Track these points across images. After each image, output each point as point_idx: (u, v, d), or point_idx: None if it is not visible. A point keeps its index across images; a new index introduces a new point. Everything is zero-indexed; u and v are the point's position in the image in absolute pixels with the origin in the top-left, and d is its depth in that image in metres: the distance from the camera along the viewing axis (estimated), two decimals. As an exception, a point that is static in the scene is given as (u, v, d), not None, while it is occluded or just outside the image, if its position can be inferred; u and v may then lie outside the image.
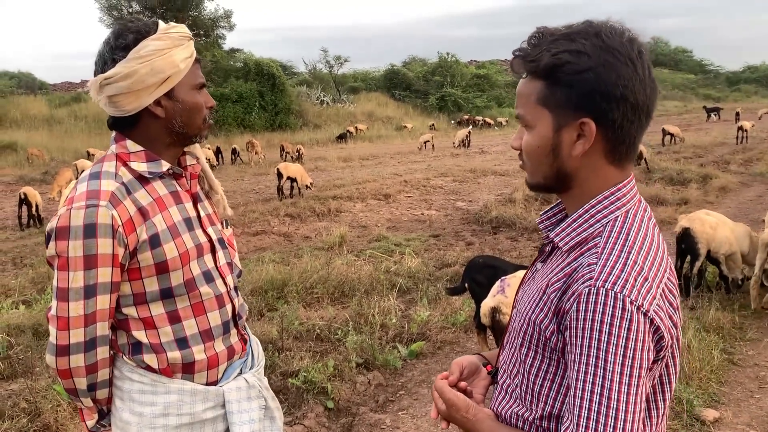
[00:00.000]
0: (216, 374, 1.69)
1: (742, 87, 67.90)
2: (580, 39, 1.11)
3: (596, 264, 1.08)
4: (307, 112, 34.27)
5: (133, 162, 1.58)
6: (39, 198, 10.37)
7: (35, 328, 5.01)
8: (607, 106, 1.10)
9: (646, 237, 1.13)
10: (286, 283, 6.04)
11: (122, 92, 1.53)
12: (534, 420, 1.20)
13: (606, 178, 1.16)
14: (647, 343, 1.04)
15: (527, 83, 1.17)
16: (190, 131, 1.65)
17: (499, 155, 20.89)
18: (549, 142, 1.15)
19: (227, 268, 1.77)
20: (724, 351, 4.39)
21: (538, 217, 1.35)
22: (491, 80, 46.63)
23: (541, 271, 1.26)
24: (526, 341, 1.21)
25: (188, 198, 1.69)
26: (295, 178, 12.52)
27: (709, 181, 12.40)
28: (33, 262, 7.59)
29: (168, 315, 1.61)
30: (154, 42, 1.53)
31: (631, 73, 1.10)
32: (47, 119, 27.90)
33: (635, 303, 1.03)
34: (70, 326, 1.49)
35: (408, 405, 3.99)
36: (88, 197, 1.48)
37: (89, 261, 1.47)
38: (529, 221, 9.14)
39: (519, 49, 1.18)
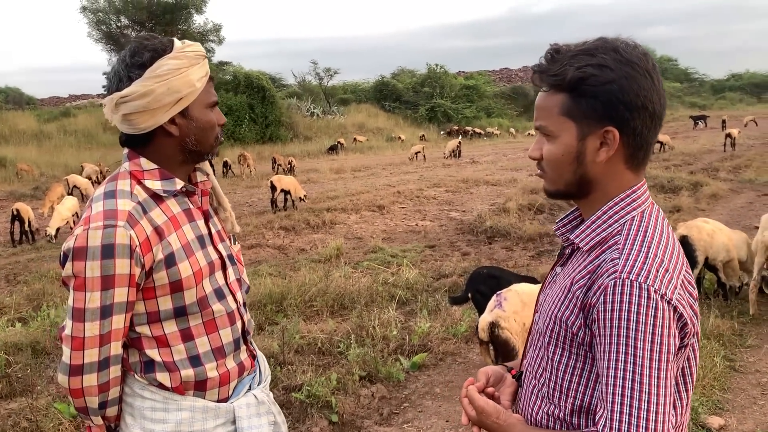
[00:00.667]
0: (227, 391, 1.70)
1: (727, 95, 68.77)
2: (600, 54, 1.19)
3: (619, 258, 1.15)
4: (298, 124, 34.27)
5: (148, 180, 1.58)
6: (32, 214, 10.28)
7: (33, 345, 4.96)
8: (629, 115, 1.19)
9: (662, 234, 1.21)
10: (285, 296, 6.02)
11: (138, 111, 1.53)
12: (564, 416, 1.26)
13: (623, 182, 1.25)
14: (673, 329, 1.11)
15: (549, 96, 1.25)
16: (203, 149, 1.65)
17: (491, 165, 20.98)
18: (573, 151, 1.24)
19: (237, 284, 1.78)
20: (725, 358, 4.42)
21: (554, 225, 1.44)
22: (480, 91, 46.94)
23: (561, 273, 1.34)
24: (553, 339, 1.27)
25: (200, 215, 1.70)
26: (288, 191, 12.50)
27: (700, 189, 12.50)
28: (27, 279, 7.51)
29: (181, 333, 1.61)
30: (171, 61, 1.53)
31: (649, 84, 1.19)
32: (36, 134, 27.68)
33: (659, 292, 1.10)
34: (85, 346, 1.49)
35: (413, 417, 3.97)
36: (105, 217, 1.48)
37: (107, 281, 1.46)
38: (524, 231, 9.18)
39: (538, 65, 1.26)
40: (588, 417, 1.23)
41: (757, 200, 11.70)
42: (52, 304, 6.06)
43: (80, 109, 36.04)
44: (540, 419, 1.31)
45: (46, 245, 9.89)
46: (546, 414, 1.30)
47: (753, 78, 75.50)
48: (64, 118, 31.46)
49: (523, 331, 3.77)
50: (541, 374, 1.32)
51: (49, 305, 5.98)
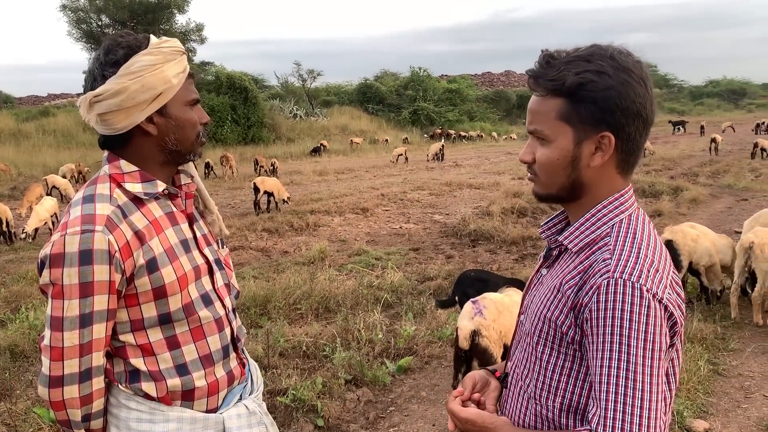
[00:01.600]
0: (216, 401, 1.64)
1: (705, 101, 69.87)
2: (597, 60, 1.21)
3: (611, 258, 1.18)
4: (280, 125, 34.13)
5: (128, 183, 1.53)
6: (9, 214, 10.09)
7: (11, 349, 4.86)
8: (625, 121, 1.21)
9: (650, 236, 1.24)
10: (269, 299, 5.97)
11: (113, 110, 1.47)
12: (553, 417, 1.28)
13: (613, 186, 1.28)
14: (664, 328, 1.14)
15: (544, 101, 1.26)
16: (184, 149, 1.59)
17: (474, 168, 21.06)
18: (569, 155, 1.25)
19: (225, 289, 1.72)
20: (709, 362, 4.45)
21: (539, 227, 1.46)
22: (462, 94, 47.09)
23: (548, 275, 1.36)
24: (542, 339, 1.29)
25: (184, 219, 1.64)
26: (272, 193, 12.43)
27: (680, 193, 12.65)
28: (5, 280, 7.38)
29: (167, 341, 1.55)
30: (145, 57, 1.48)
31: (643, 91, 1.23)
32: (14, 133, 27.23)
33: (651, 291, 1.13)
34: (65, 357, 1.43)
35: (399, 421, 3.95)
36: (83, 222, 1.42)
37: (85, 289, 1.41)
38: (507, 234, 9.21)
39: (534, 70, 1.27)
40: (576, 416, 1.25)
41: (735, 205, 11.86)
42: (31, 306, 5.94)
43: (59, 108, 35.52)
44: (527, 420, 1.33)
45: (24, 246, 9.72)
46: (533, 414, 1.31)
47: (730, 85, 76.84)
48: (42, 117, 30.98)
49: (499, 339, 3.73)
50: (527, 375, 1.34)
51: (28, 307, 5.86)
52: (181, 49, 1.56)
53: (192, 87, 1.60)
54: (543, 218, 11.72)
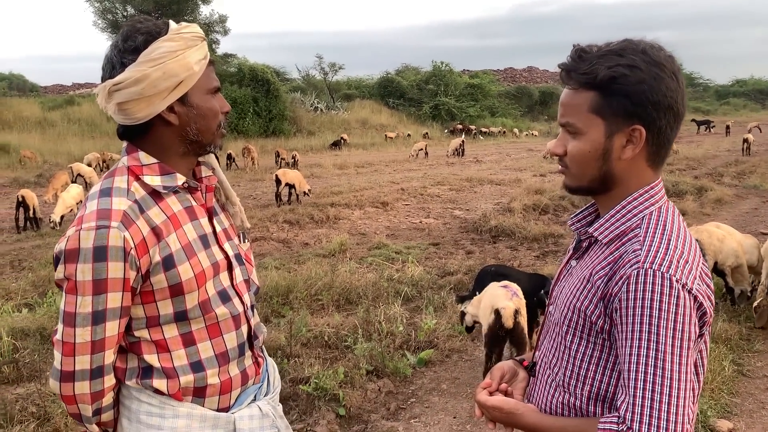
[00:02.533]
0: (228, 400, 1.60)
1: (731, 100, 68.68)
2: (630, 54, 1.23)
3: (641, 249, 1.20)
4: (301, 118, 34.21)
5: (147, 176, 1.48)
6: (36, 201, 10.27)
7: (40, 331, 4.96)
8: (656, 114, 1.23)
9: (680, 228, 1.26)
10: (291, 289, 6.02)
11: (133, 98, 1.42)
12: (580, 405, 1.30)
13: (643, 178, 1.30)
14: (693, 318, 1.16)
15: (576, 94, 1.28)
16: (205, 139, 1.54)
17: (494, 164, 20.97)
18: (600, 147, 1.28)
19: (244, 285, 1.67)
20: (733, 362, 4.42)
21: (569, 220, 1.49)
22: (484, 90, 46.77)
23: (578, 266, 1.39)
24: (571, 329, 1.32)
25: (203, 213, 1.59)
26: (293, 185, 12.49)
27: (705, 194, 12.49)
28: (32, 265, 7.51)
29: (182, 337, 1.52)
30: (166, 43, 1.42)
31: (675, 85, 1.24)
32: (40, 122, 27.65)
33: (680, 281, 1.15)
34: (76, 353, 1.40)
35: (420, 413, 3.97)
36: (98, 217, 1.38)
37: (99, 286, 1.37)
38: (529, 231, 9.17)
39: (566, 64, 1.30)
40: (604, 405, 1.27)
41: (762, 206, 11.69)
42: (58, 291, 6.05)
43: (84, 97, 35.95)
44: (554, 408, 1.35)
45: (50, 232, 9.88)
46: (561, 403, 1.34)
47: (758, 84, 75.43)
48: (68, 106, 31.40)
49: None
50: (556, 364, 1.37)
51: (55, 292, 5.97)
52: (201, 34, 1.50)
53: (213, 74, 1.55)
54: (565, 216, 11.64)
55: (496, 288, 4.19)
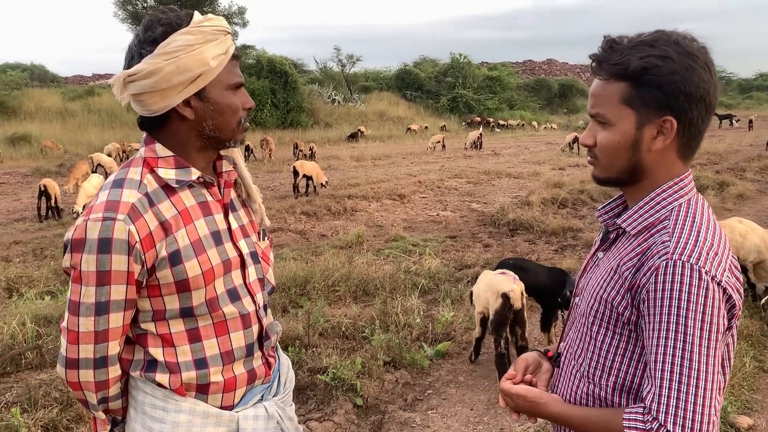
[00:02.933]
0: (232, 398, 1.57)
1: (754, 94, 67.62)
2: (662, 45, 1.22)
3: (670, 240, 1.20)
4: (319, 110, 34.28)
5: (161, 168, 1.46)
6: (58, 190, 10.42)
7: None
8: (688, 106, 1.22)
9: (709, 220, 1.26)
10: (308, 280, 6.05)
11: (146, 90, 1.40)
12: (606, 396, 1.30)
13: (673, 170, 1.29)
14: (722, 310, 1.15)
15: (607, 85, 1.27)
16: (223, 135, 1.51)
17: (513, 157, 20.86)
18: (631, 138, 1.27)
19: (258, 284, 1.63)
20: (754, 358, 4.37)
21: (596, 211, 1.48)
22: (503, 82, 46.51)
23: (605, 257, 1.38)
24: (597, 319, 1.32)
25: (219, 209, 1.56)
26: (310, 177, 12.54)
27: (726, 188, 12.33)
28: (54, 254, 7.63)
29: (188, 333, 1.50)
30: (183, 36, 1.39)
31: (708, 76, 1.23)
32: (60, 112, 28.02)
33: (710, 273, 1.14)
34: (80, 341, 1.41)
35: (437, 404, 3.98)
36: (106, 209, 1.38)
37: (102, 277, 1.37)
38: (547, 224, 9.12)
39: (597, 55, 1.29)
40: (629, 396, 1.27)
41: (784, 202, 11.52)
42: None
43: (104, 88, 36.28)
44: (579, 398, 1.36)
45: (72, 221, 10.01)
46: (585, 393, 1.34)
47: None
48: (88, 96, 31.76)
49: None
50: (581, 354, 1.37)
51: (77, 280, 6.05)
52: (224, 28, 1.46)
53: (236, 70, 1.51)
54: (584, 210, 11.51)
55: (494, 276, 4.32)
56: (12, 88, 31.41)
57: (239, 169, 1.66)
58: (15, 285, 6.25)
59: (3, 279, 6.30)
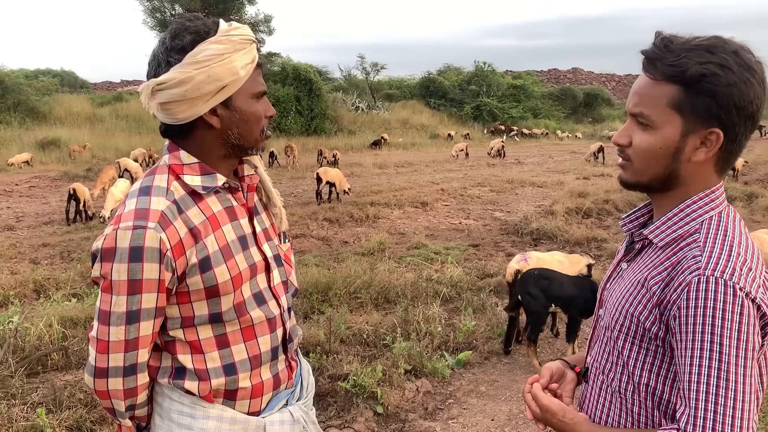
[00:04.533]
0: (259, 404, 1.58)
1: (784, 105, 66.30)
2: (721, 53, 1.16)
3: (701, 256, 1.15)
4: (342, 117, 34.39)
5: (187, 175, 1.47)
6: (87, 194, 10.59)
7: (88, 321, 5.10)
8: (738, 120, 1.17)
9: (741, 234, 1.21)
10: (330, 286, 6.06)
11: (175, 99, 1.41)
12: (639, 411, 1.26)
13: (707, 182, 1.24)
14: (757, 327, 1.10)
15: (657, 85, 1.21)
16: (247, 143, 1.52)
17: (536, 167, 20.72)
18: (673, 145, 1.21)
19: (282, 287, 1.64)
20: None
21: (621, 220, 1.43)
22: (527, 91, 46.25)
23: (629, 269, 1.33)
24: (623, 334, 1.28)
25: (244, 213, 1.57)
26: (333, 183, 12.58)
27: (755, 200, 12.11)
28: (81, 257, 7.74)
29: (216, 339, 1.51)
30: (213, 45, 1.40)
31: (762, 93, 1.18)
32: (89, 117, 28.50)
33: (744, 290, 1.10)
34: (110, 350, 1.41)
35: (458, 414, 3.96)
36: (136, 217, 1.37)
37: (133, 286, 1.37)
38: (571, 234, 9.04)
39: (650, 51, 1.22)
40: (662, 411, 1.23)
41: (816, 215, 11.26)
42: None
43: (132, 94, 36.87)
44: (612, 414, 1.32)
45: (98, 225, 10.16)
46: (618, 409, 1.30)
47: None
48: (116, 102, 32.28)
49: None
50: (610, 369, 1.33)
51: (102, 283, 6.13)
52: (251, 37, 1.47)
53: (260, 78, 1.52)
54: (609, 220, 11.35)
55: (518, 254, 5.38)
56: (43, 93, 31.93)
57: (260, 173, 1.66)
58: (43, 287, 6.36)
59: (31, 281, 6.41)
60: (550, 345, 5.12)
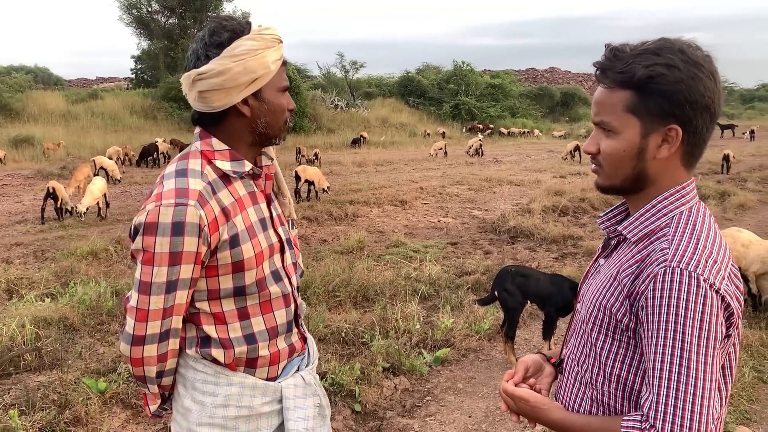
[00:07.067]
0: (276, 370, 1.74)
1: (756, 105, 67.61)
2: (667, 53, 1.22)
3: (669, 248, 1.20)
4: (322, 116, 34.29)
5: (218, 160, 1.62)
6: (65, 193, 10.44)
7: (62, 321, 5.04)
8: (693, 114, 1.22)
9: (710, 229, 1.26)
10: (309, 285, 6.05)
11: (214, 88, 1.55)
12: (609, 402, 1.31)
13: (676, 178, 1.29)
14: (720, 318, 1.15)
15: (612, 93, 1.27)
16: (272, 132, 1.68)
17: (514, 165, 20.87)
18: (635, 147, 1.27)
19: (292, 267, 1.80)
20: (753, 369, 4.36)
21: (598, 218, 1.48)
22: (505, 90, 46.49)
23: (606, 264, 1.39)
24: (596, 326, 1.33)
25: (263, 198, 1.73)
26: (312, 182, 12.54)
27: (728, 198, 12.33)
28: (55, 256, 7.63)
29: (238, 311, 1.65)
30: (248, 42, 1.56)
31: (713, 85, 1.23)
32: (64, 114, 28.04)
33: (708, 281, 1.14)
34: (149, 318, 1.54)
35: (435, 411, 3.98)
36: (177, 195, 1.52)
37: (174, 258, 1.50)
38: (548, 232, 9.12)
39: (601, 62, 1.29)
40: (632, 402, 1.27)
41: (786, 212, 11.51)
42: (80, 281, 6.14)
43: (108, 91, 36.40)
44: (584, 404, 1.36)
45: (73, 224, 10.02)
46: (590, 399, 1.35)
47: (784, 89, 74.14)
48: (91, 99, 31.78)
49: None
50: (584, 361, 1.37)
51: (77, 282, 6.06)
52: (279, 37, 1.63)
53: (284, 74, 1.68)
54: (585, 218, 11.47)
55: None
56: (16, 90, 31.28)
57: (275, 164, 1.83)
58: (15, 287, 6.24)
59: (3, 281, 6.30)
60: (527, 342, 5.17)
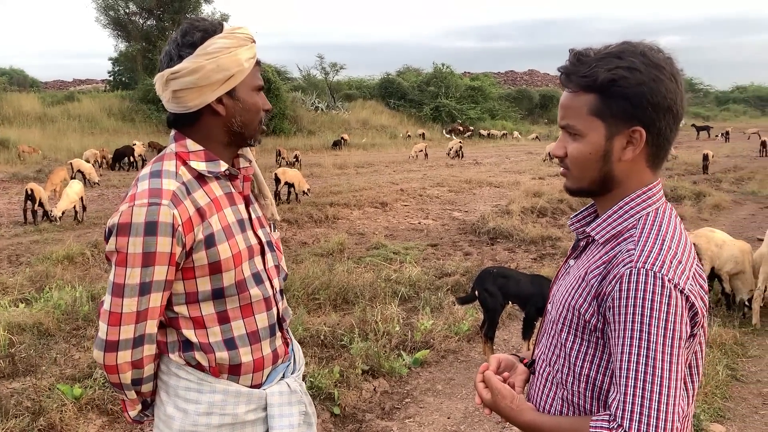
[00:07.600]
0: (261, 377, 1.71)
1: (731, 107, 68.80)
2: (629, 57, 1.24)
3: (635, 249, 1.21)
4: (302, 118, 34.20)
5: (193, 161, 1.60)
6: (44, 195, 10.29)
7: (37, 326, 4.96)
8: (656, 116, 1.24)
9: (675, 229, 1.27)
10: (288, 288, 6.02)
11: (187, 87, 1.55)
12: (579, 402, 1.32)
13: (643, 179, 1.31)
14: (685, 317, 1.17)
15: (576, 97, 1.29)
16: (247, 132, 1.66)
17: (494, 167, 21.00)
18: (601, 149, 1.29)
19: (275, 270, 1.78)
20: (727, 367, 4.43)
21: (569, 220, 1.50)
22: (485, 92, 46.78)
23: (575, 265, 1.40)
24: (566, 326, 1.34)
25: (241, 200, 1.71)
26: (292, 184, 12.50)
27: (703, 199, 12.53)
28: (30, 261, 7.51)
29: (218, 315, 1.62)
30: (221, 40, 1.55)
31: (674, 87, 1.25)
32: (40, 117, 27.63)
33: (672, 281, 1.16)
34: (122, 322, 1.50)
35: (414, 413, 3.98)
36: (150, 195, 1.50)
37: (147, 258, 1.48)
38: (526, 233, 9.18)
39: (565, 67, 1.31)
40: (601, 402, 1.28)
41: (759, 212, 11.72)
42: (56, 286, 6.06)
43: (84, 93, 35.95)
44: (554, 404, 1.37)
45: (48, 227, 9.88)
46: (561, 399, 1.35)
47: (758, 91, 75.60)
48: (68, 102, 31.35)
49: None
50: (555, 361, 1.38)
51: (52, 287, 5.98)
52: (251, 36, 1.63)
53: (258, 74, 1.67)
54: (563, 219, 11.59)
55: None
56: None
57: (254, 165, 1.80)
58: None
59: (-24, 286, 6.20)
60: (505, 342, 5.20)
